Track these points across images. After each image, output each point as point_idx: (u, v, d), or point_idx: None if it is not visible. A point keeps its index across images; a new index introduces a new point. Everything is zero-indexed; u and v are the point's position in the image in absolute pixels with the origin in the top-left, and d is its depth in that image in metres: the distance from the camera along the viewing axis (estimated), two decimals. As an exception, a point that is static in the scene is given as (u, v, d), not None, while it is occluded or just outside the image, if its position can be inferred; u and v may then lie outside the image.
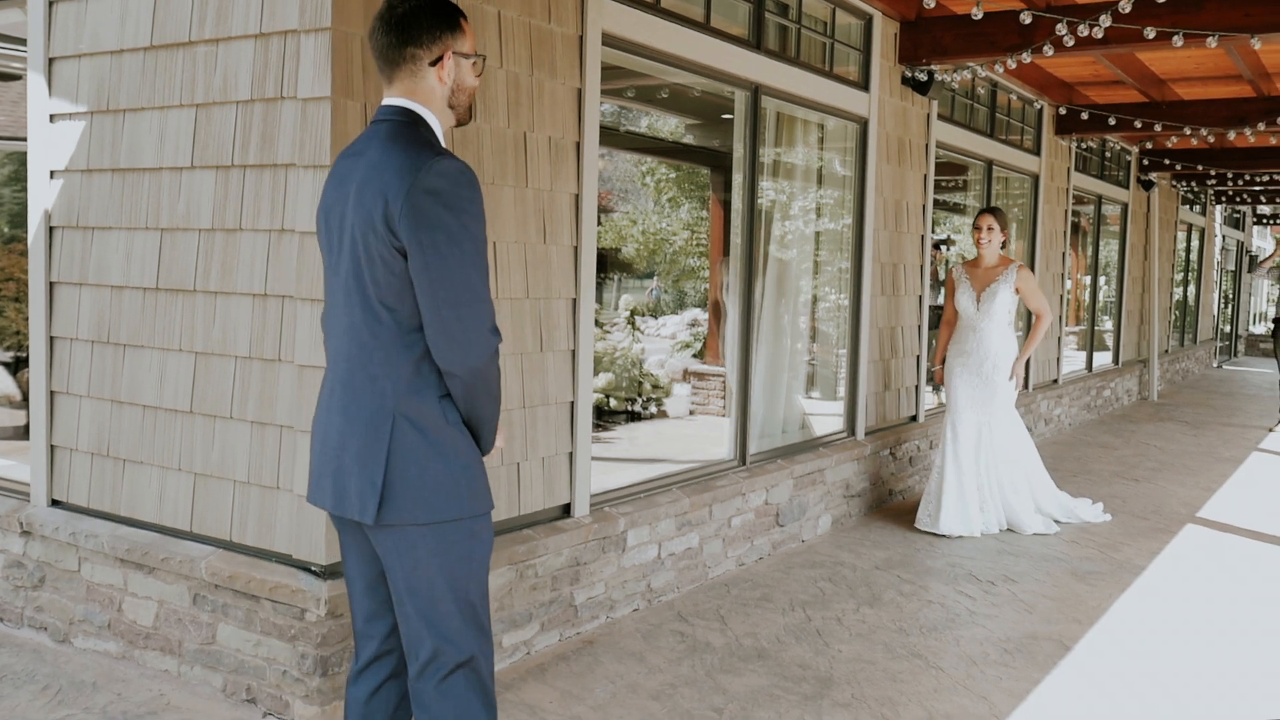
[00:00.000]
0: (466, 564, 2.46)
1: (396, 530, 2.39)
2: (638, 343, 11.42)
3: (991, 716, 3.90)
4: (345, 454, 2.41)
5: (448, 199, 2.29)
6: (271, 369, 3.73)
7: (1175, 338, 17.14)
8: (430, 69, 2.42)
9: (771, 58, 5.85)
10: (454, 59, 2.45)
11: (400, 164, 2.30)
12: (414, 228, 2.27)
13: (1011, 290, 6.63)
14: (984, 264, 6.75)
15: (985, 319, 6.62)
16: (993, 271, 6.69)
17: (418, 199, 2.26)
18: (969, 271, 6.79)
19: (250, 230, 3.76)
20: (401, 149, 2.33)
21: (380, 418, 2.37)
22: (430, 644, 2.45)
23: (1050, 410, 10.61)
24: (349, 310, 2.42)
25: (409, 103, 2.43)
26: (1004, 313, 6.62)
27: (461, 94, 2.50)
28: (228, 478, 3.87)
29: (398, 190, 2.27)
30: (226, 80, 3.79)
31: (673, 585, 5.14)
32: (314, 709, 3.55)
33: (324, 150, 3.51)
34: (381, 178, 2.31)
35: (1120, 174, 12.96)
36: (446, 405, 2.40)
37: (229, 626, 3.77)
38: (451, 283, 2.30)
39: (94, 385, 4.25)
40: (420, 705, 2.49)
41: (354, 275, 2.39)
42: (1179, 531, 6.79)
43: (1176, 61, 8.75)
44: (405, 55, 2.40)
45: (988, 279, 6.68)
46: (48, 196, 4.35)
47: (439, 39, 2.42)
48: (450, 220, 2.29)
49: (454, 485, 2.40)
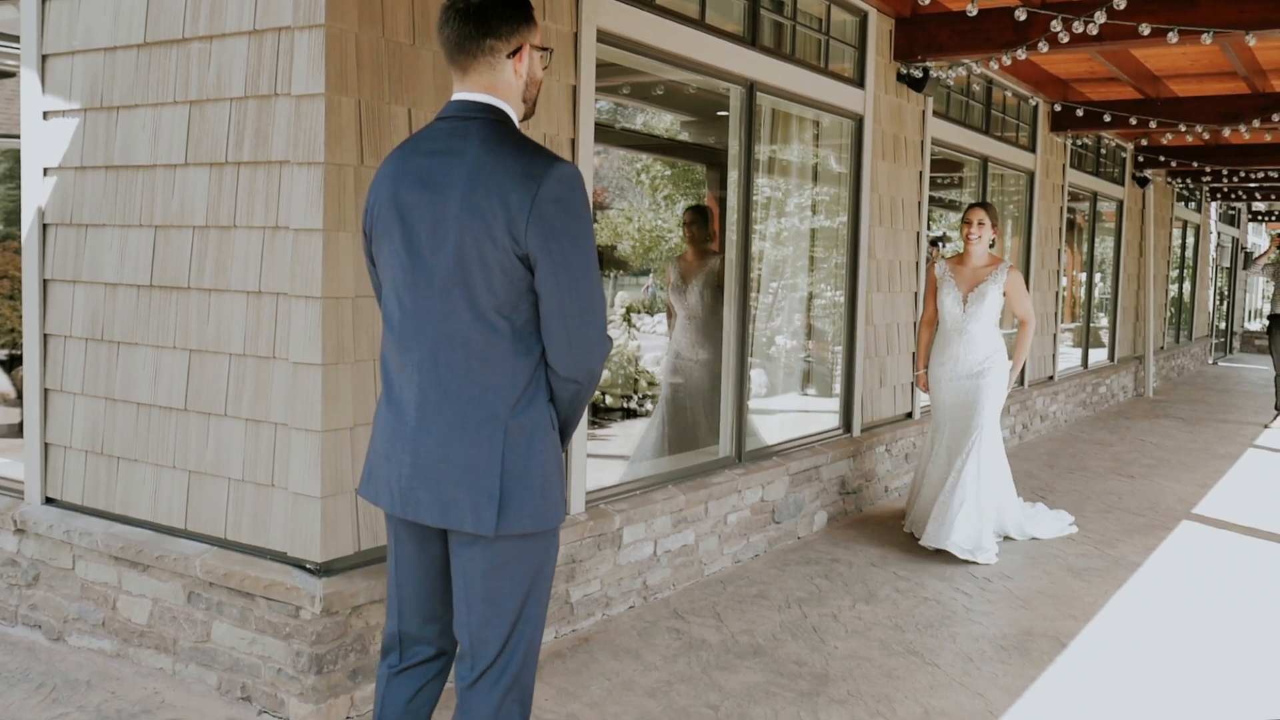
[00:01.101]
0: (548, 571, 2.47)
1: (501, 540, 2.35)
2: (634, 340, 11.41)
3: (988, 714, 3.90)
4: (449, 465, 2.33)
5: (570, 205, 2.26)
6: (266, 366, 3.72)
7: (1171, 334, 17.16)
8: (508, 61, 2.37)
9: (766, 54, 5.84)
10: (530, 51, 2.41)
11: (520, 169, 2.25)
12: (543, 237, 2.23)
13: (1000, 291, 6.16)
14: (972, 262, 6.26)
15: (973, 322, 6.15)
16: (982, 271, 6.22)
17: (544, 207, 2.23)
18: (955, 270, 6.28)
19: (244, 227, 3.75)
20: (513, 152, 2.28)
21: (492, 427, 2.32)
22: (495, 650, 2.42)
23: (1046, 407, 10.62)
24: (448, 318, 2.32)
25: (490, 98, 2.37)
26: (992, 315, 6.18)
27: (533, 88, 2.47)
28: (222, 475, 3.86)
29: (522, 198, 2.22)
30: (220, 77, 3.78)
31: (669, 582, 5.14)
32: (309, 707, 3.54)
33: (318, 147, 3.50)
34: (497, 182, 2.24)
35: (1116, 171, 12.97)
36: (551, 411, 2.39)
37: (224, 624, 3.76)
38: (578, 290, 2.28)
39: (88, 383, 4.24)
40: (467, 710, 2.45)
41: (460, 283, 2.29)
42: (1175, 528, 6.80)
43: (1172, 58, 8.75)
44: (485, 47, 2.34)
45: (976, 279, 6.20)
46: (41, 194, 4.34)
47: (517, 30, 2.37)
48: (574, 227, 2.26)
49: (556, 492, 2.41)
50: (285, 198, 3.62)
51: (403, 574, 2.57)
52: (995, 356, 6.18)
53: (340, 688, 3.61)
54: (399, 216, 2.36)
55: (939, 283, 6.29)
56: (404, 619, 2.60)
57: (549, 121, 4.38)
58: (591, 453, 4.91)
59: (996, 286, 6.14)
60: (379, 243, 2.44)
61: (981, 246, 6.24)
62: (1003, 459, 6.30)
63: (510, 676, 2.44)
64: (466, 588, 2.41)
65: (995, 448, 6.17)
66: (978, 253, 6.25)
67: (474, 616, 2.42)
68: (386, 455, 2.43)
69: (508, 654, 2.43)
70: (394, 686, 2.62)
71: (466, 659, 2.46)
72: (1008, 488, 6.35)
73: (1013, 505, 6.36)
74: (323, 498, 3.57)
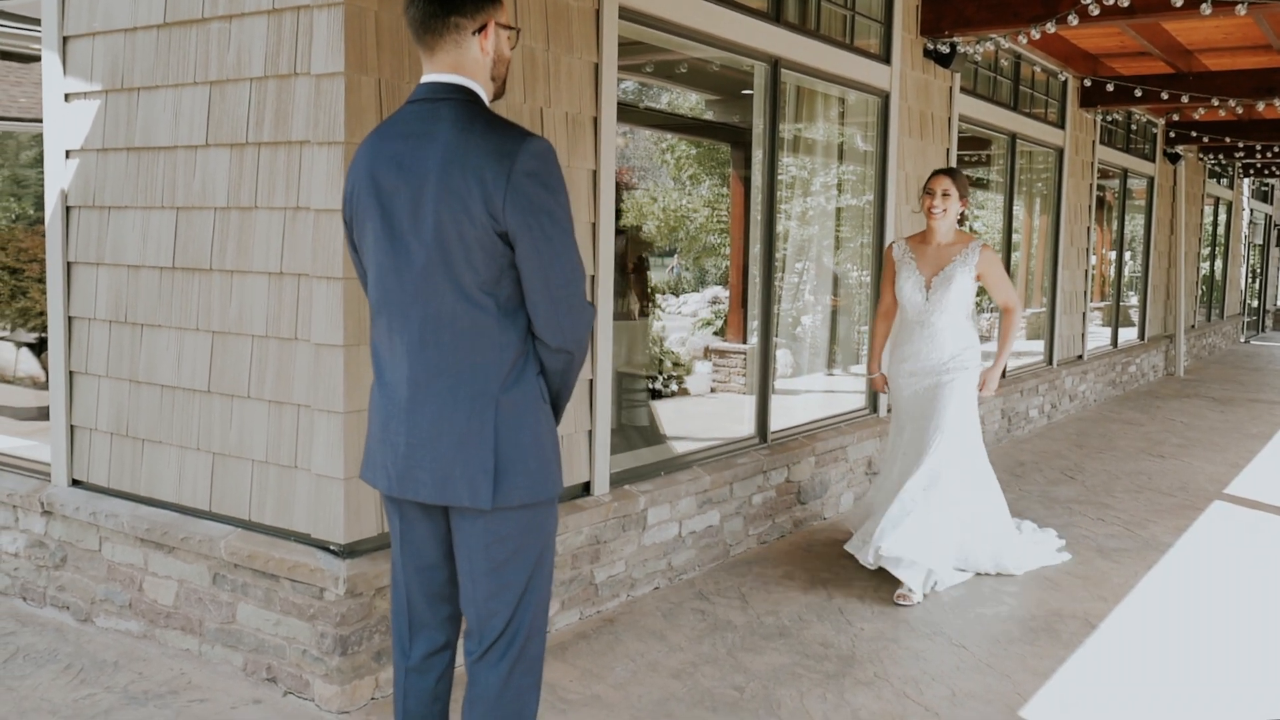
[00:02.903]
0: (549, 542, 2.51)
1: (499, 513, 2.39)
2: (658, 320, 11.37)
3: (1016, 695, 3.86)
4: (442, 442, 2.36)
5: (545, 179, 2.30)
6: (288, 348, 3.71)
7: (1202, 313, 16.96)
8: (474, 39, 2.38)
9: (791, 30, 5.77)
10: (495, 29, 2.42)
11: (493, 147, 2.27)
12: (520, 212, 2.26)
13: (971, 276, 5.13)
14: (935, 240, 5.22)
15: (938, 312, 5.13)
16: (947, 251, 5.18)
17: (520, 182, 2.25)
18: (916, 250, 5.26)
19: (265, 208, 3.73)
20: (485, 130, 2.31)
21: (484, 402, 2.35)
22: (502, 622, 2.45)
23: (1075, 386, 10.51)
24: (432, 299, 2.35)
25: (459, 78, 2.38)
26: (960, 304, 5.15)
27: (500, 65, 2.47)
28: (246, 457, 3.86)
29: (498, 174, 2.25)
30: (240, 57, 3.76)
31: (693, 563, 5.12)
32: (334, 688, 3.54)
33: (338, 126, 3.48)
34: (472, 161, 2.27)
35: (1146, 147, 12.79)
36: (540, 383, 2.43)
37: (249, 606, 3.77)
38: (558, 261, 2.32)
39: (112, 365, 4.25)
40: (477, 684, 2.48)
41: (442, 263, 2.32)
42: (1206, 508, 6.71)
43: (1204, 31, 8.60)
44: (449, 24, 2.35)
45: (941, 260, 5.17)
46: (64, 176, 4.34)
47: (482, 8, 2.38)
48: (550, 200, 2.30)
49: (551, 464, 2.44)
50: (306, 178, 3.60)
51: (407, 556, 2.59)
52: (965, 355, 5.16)
53: (364, 669, 3.61)
54: (378, 202, 2.39)
55: (897, 266, 5.28)
56: (412, 604, 2.62)
57: (571, 100, 4.34)
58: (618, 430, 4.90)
59: (966, 269, 5.12)
60: (360, 229, 2.47)
61: (947, 222, 5.20)
62: (984, 481, 5.25)
63: (518, 648, 2.47)
64: (470, 562, 2.45)
65: (963, 463, 5.12)
66: (942, 229, 5.22)
67: (479, 590, 2.45)
68: (381, 438, 2.46)
69: (514, 626, 2.47)
70: (413, 680, 2.64)
71: (474, 634, 2.49)
72: (993, 516, 5.25)
73: (999, 538, 5.24)
74: (345, 479, 3.56)
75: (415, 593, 2.61)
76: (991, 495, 5.27)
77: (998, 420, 8.64)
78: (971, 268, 5.13)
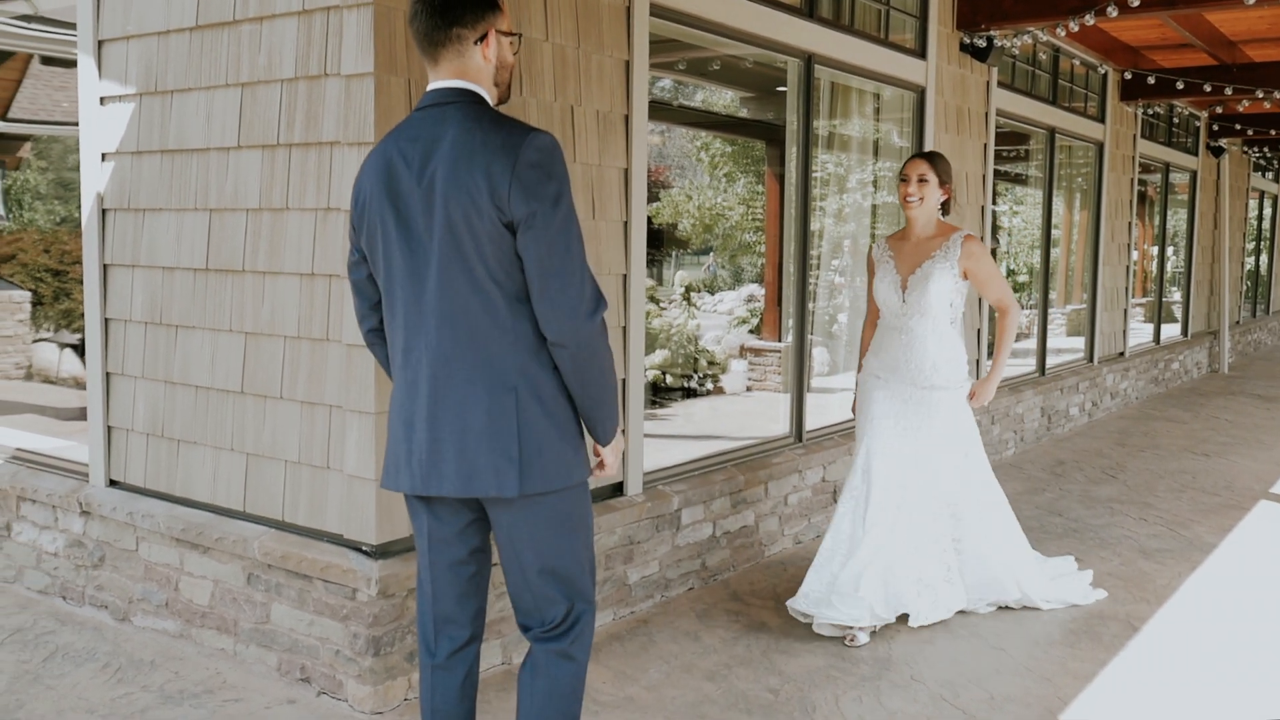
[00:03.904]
0: (587, 523, 2.59)
1: (532, 500, 2.46)
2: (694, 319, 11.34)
3: (1056, 699, 3.80)
4: (468, 435, 2.42)
5: (549, 169, 2.36)
6: (320, 349, 3.72)
7: (1247, 308, 16.68)
8: (475, 47, 2.47)
9: (825, 26, 5.71)
10: (496, 37, 2.50)
11: (500, 141, 2.35)
12: (523, 201, 2.33)
13: (954, 273, 4.40)
14: (915, 234, 4.52)
15: (916, 316, 4.43)
16: (926, 245, 4.46)
17: (523, 173, 2.33)
18: (895, 248, 4.56)
19: (297, 209, 3.74)
20: (491, 127, 2.38)
21: (503, 393, 2.41)
22: (564, 604, 2.57)
23: (1117, 384, 10.36)
24: (448, 294, 2.41)
25: (463, 83, 2.47)
26: (941, 305, 4.41)
27: (504, 71, 2.56)
28: (279, 458, 3.87)
29: (504, 167, 2.32)
30: (270, 59, 3.77)
31: (728, 564, 5.08)
32: (367, 688, 3.54)
33: (368, 127, 3.47)
34: (479, 156, 2.35)
35: (1189, 140, 12.59)
36: (558, 375, 2.48)
37: (282, 606, 3.78)
38: (555, 250, 2.37)
39: (148, 366, 4.28)
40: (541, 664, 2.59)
41: (456, 257, 2.39)
42: (1252, 508, 6.58)
43: (1248, 22, 8.44)
44: (451, 35, 2.44)
45: (919, 256, 4.46)
46: (100, 179, 4.37)
47: (483, 18, 2.47)
48: (551, 190, 2.36)
49: (575, 451, 2.50)
50: (336, 179, 3.60)
51: (435, 553, 2.63)
52: (949, 369, 4.45)
53: (397, 669, 3.61)
54: (392, 205, 2.46)
55: (876, 266, 4.60)
56: (438, 601, 2.66)
57: (602, 98, 4.32)
58: (650, 433, 4.87)
59: (946, 266, 4.39)
60: (373, 234, 2.52)
61: (925, 212, 4.49)
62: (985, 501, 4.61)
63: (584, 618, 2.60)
64: (514, 550, 2.53)
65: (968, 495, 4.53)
66: (921, 221, 4.50)
67: (528, 576, 2.54)
68: (405, 437, 2.52)
69: (578, 600, 2.58)
70: (440, 678, 2.69)
71: (533, 613, 2.59)
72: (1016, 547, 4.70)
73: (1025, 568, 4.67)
74: (377, 480, 3.56)
75: (443, 590, 2.65)
76: (1007, 522, 4.68)
77: (1037, 419, 8.53)
78: (953, 263, 4.40)
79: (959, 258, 4.41)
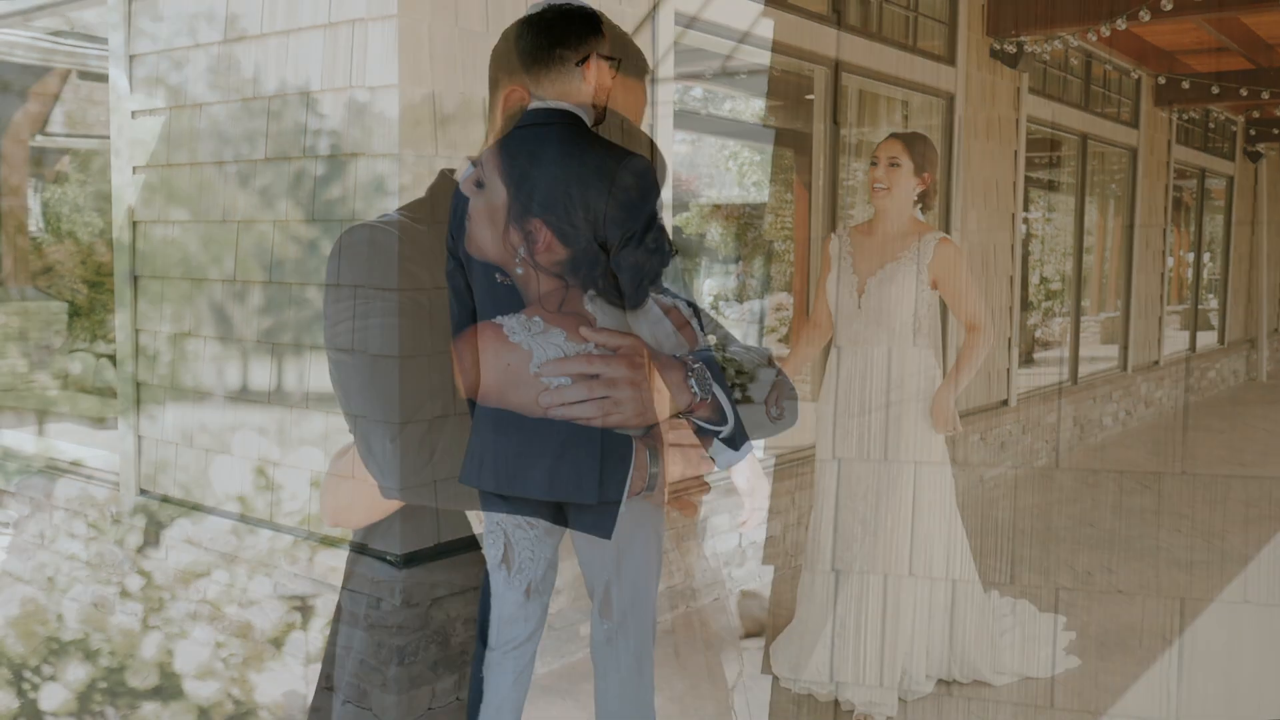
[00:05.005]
0: (659, 530, 2.69)
1: (608, 506, 2.55)
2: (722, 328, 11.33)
3: (1086, 713, 3.75)
4: (551, 440, 2.53)
5: (643, 192, 2.46)
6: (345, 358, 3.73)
7: (1286, 315, 16.47)
8: (577, 69, 2.53)
9: (851, 33, 5.70)
10: (597, 60, 2.57)
11: (596, 164, 2.45)
12: (620, 221, 2.42)
13: (921, 279, 3.70)
14: (882, 228, 3.80)
15: (872, 323, 3.75)
16: (894, 244, 3.75)
17: (619, 196, 2.42)
18: (857, 243, 3.84)
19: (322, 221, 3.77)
20: (589, 149, 2.49)
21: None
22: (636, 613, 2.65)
23: (1151, 392, 10.25)
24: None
25: (563, 104, 2.54)
26: (904, 313, 3.71)
27: (602, 94, 2.62)
28: (304, 467, 3.89)
29: (600, 190, 2.42)
30: (296, 72, 3.80)
31: (755, 574, 5.06)
32: (391, 697, 3.55)
33: (392, 140, 3.49)
34: (576, 177, 2.44)
35: (1225, 146, 12.45)
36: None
37: (308, 615, 3.80)
38: (649, 269, 2.48)
39: (177, 376, 4.32)
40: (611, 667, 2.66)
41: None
42: (1290, 519, 6.49)
43: (1285, 25, 8.34)
44: (555, 56, 2.52)
45: (884, 255, 3.75)
46: (130, 192, 4.43)
47: (585, 41, 2.54)
48: (648, 209, 2.46)
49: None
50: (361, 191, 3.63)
51: (513, 552, 2.71)
52: (920, 381, 3.76)
53: (421, 679, 3.61)
54: (490, 221, 2.53)
55: (832, 263, 3.88)
56: (501, 600, 2.73)
57: (626, 107, 4.32)
58: (675, 443, 4.86)
59: (911, 269, 3.69)
60: (468, 250, 2.61)
61: (895, 201, 3.75)
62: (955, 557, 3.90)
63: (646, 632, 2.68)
64: (592, 552, 2.63)
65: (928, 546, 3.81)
66: (891, 213, 3.78)
67: (607, 575, 2.63)
68: (494, 440, 2.61)
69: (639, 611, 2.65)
70: (494, 672, 2.73)
71: (609, 611, 2.66)
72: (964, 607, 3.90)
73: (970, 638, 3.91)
74: (402, 489, 3.57)
75: (508, 589, 2.72)
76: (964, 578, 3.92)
77: (1069, 428, 8.45)
78: (922, 269, 3.68)
79: (930, 262, 3.70)
